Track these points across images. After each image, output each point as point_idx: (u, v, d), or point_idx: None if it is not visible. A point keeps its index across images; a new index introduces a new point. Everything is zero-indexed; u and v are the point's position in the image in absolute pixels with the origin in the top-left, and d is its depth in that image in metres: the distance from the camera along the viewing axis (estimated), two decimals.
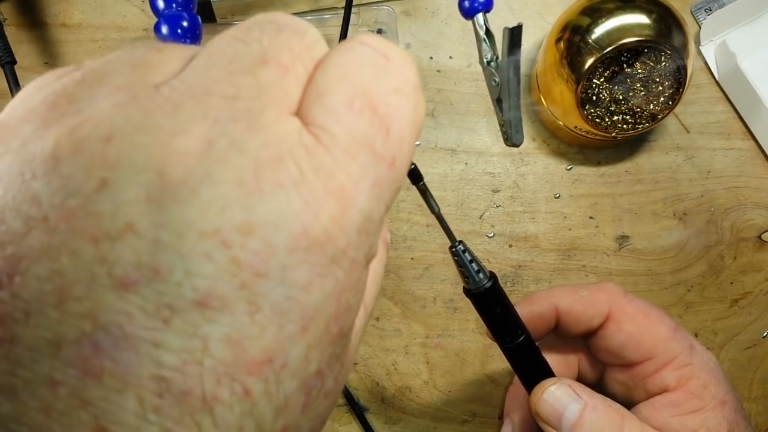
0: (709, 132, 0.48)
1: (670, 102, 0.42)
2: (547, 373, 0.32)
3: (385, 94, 0.15)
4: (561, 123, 0.45)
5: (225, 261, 0.12)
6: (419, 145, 0.44)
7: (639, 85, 0.42)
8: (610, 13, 0.41)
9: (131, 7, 0.48)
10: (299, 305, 0.13)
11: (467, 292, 0.31)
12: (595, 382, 0.36)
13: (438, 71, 0.48)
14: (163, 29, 0.31)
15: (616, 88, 0.42)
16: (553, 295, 0.34)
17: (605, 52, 0.40)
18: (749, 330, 0.47)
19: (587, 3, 0.42)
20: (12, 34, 0.47)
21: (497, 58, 0.33)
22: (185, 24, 0.31)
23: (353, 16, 0.44)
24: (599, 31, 0.41)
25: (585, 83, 0.42)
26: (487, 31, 0.34)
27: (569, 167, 0.48)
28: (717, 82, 0.49)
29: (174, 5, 0.31)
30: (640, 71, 0.42)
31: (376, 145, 0.14)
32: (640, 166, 0.48)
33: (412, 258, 0.47)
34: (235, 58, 0.14)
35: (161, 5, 0.31)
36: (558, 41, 0.43)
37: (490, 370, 0.46)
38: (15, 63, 0.44)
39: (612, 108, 0.43)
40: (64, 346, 0.11)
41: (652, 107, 0.43)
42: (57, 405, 0.11)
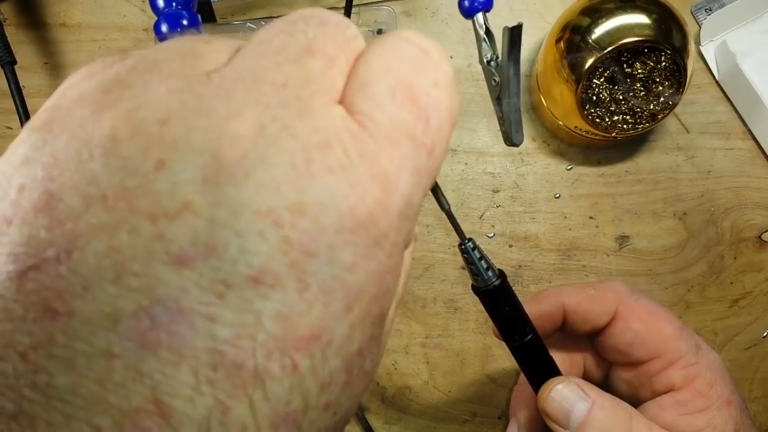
0: (709, 132, 0.48)
1: (670, 102, 0.42)
2: (555, 372, 0.32)
3: (425, 86, 0.15)
4: (561, 123, 0.45)
5: (277, 239, 0.12)
6: None
7: (639, 85, 0.42)
8: (610, 13, 0.41)
9: (131, 7, 0.48)
10: (344, 285, 0.13)
11: (476, 289, 0.31)
12: (601, 381, 0.36)
13: None
14: (163, 28, 0.31)
15: (616, 88, 0.42)
16: (561, 294, 0.34)
17: (605, 52, 0.40)
18: (749, 330, 0.47)
19: (587, 3, 0.42)
20: (12, 34, 0.47)
21: (497, 57, 0.33)
22: (185, 23, 0.31)
23: (353, 16, 0.44)
24: (599, 31, 0.41)
25: (585, 83, 0.42)
26: (487, 31, 0.34)
27: (569, 167, 0.48)
28: (717, 82, 0.49)
29: (174, 4, 0.31)
30: (640, 71, 0.42)
31: (416, 134, 0.15)
32: (640, 166, 0.48)
33: (412, 258, 0.47)
34: (283, 48, 0.15)
35: (161, 4, 0.31)
36: (558, 41, 0.43)
37: (490, 370, 0.46)
38: (15, 63, 0.44)
39: (612, 108, 0.43)
40: (121, 319, 0.12)
41: (652, 107, 0.43)
42: (113, 377, 0.12)
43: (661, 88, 0.42)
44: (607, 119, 0.43)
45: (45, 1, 0.48)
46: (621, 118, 0.43)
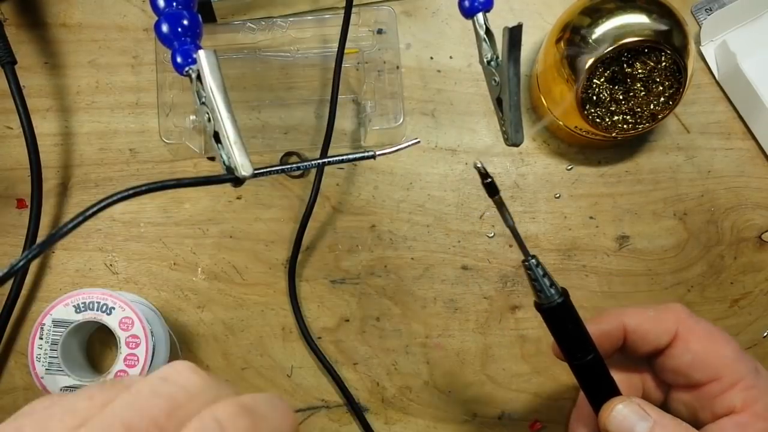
0: (709, 132, 0.48)
1: (670, 102, 0.42)
2: (615, 392, 0.32)
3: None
4: (561, 123, 0.45)
5: None
6: (419, 143, 0.44)
7: (639, 85, 0.42)
8: (610, 13, 0.41)
9: (131, 7, 0.48)
10: None
11: (538, 306, 0.31)
12: (660, 404, 0.36)
13: (438, 71, 0.48)
14: (164, 28, 0.31)
15: (616, 88, 0.42)
16: (622, 314, 0.34)
17: (605, 52, 0.40)
18: (749, 330, 0.47)
19: (587, 3, 0.42)
20: (12, 34, 0.47)
21: (497, 57, 0.33)
22: (185, 22, 0.31)
23: (353, 16, 0.44)
24: (599, 31, 0.41)
25: (585, 83, 0.42)
26: (487, 31, 0.33)
27: (569, 167, 0.48)
28: (717, 82, 0.49)
29: (174, 4, 0.31)
30: (640, 71, 0.42)
31: None
32: (640, 166, 0.48)
33: (412, 258, 0.47)
34: None
35: (161, 4, 0.31)
36: (558, 41, 0.43)
37: (490, 370, 0.46)
38: (15, 63, 0.44)
39: (612, 108, 0.43)
40: None
41: (652, 107, 0.43)
42: None
43: (661, 88, 0.42)
44: (607, 119, 0.43)
45: (45, 1, 0.48)
46: (621, 118, 0.43)
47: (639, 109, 0.43)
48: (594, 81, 0.42)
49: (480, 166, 0.30)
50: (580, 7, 0.42)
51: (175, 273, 0.46)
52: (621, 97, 0.42)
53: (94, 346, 0.46)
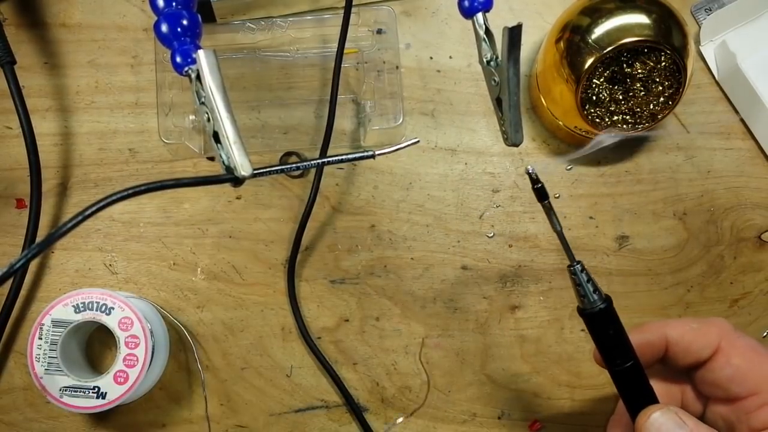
0: (709, 132, 0.48)
1: (670, 102, 0.42)
2: (653, 400, 0.32)
3: None
4: (561, 123, 0.45)
5: None
6: (418, 142, 0.44)
7: (639, 85, 0.42)
8: (610, 13, 0.41)
9: (131, 7, 0.48)
10: None
11: (581, 311, 0.32)
12: (698, 416, 0.36)
13: (438, 71, 0.48)
14: (163, 28, 0.31)
15: (615, 88, 0.42)
16: (664, 325, 0.34)
17: (605, 52, 0.40)
18: (749, 330, 0.47)
19: (587, 3, 0.42)
20: (12, 34, 0.47)
21: (497, 57, 0.33)
22: (185, 22, 0.31)
23: (353, 16, 0.44)
24: (599, 31, 0.41)
25: (585, 83, 0.42)
26: (487, 31, 0.33)
27: (569, 167, 0.48)
28: (717, 82, 0.49)
29: (174, 4, 0.31)
30: (640, 71, 0.42)
31: None
32: (640, 166, 0.48)
33: (412, 258, 0.47)
34: None
35: (161, 4, 0.31)
36: (558, 41, 0.43)
37: (490, 370, 0.46)
38: (15, 63, 0.44)
39: (612, 108, 0.43)
40: None
41: (651, 107, 0.43)
42: None
43: (661, 88, 0.42)
44: (607, 119, 0.43)
45: (45, 1, 0.48)
46: (621, 118, 0.43)
47: (639, 109, 0.43)
48: (594, 81, 0.42)
49: (531, 171, 0.30)
50: (579, 7, 0.42)
51: (175, 273, 0.46)
52: (621, 97, 0.42)
53: (93, 346, 0.46)
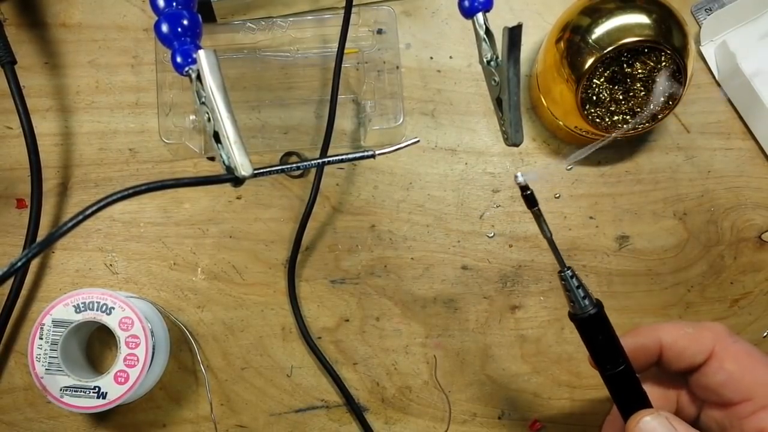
0: (709, 132, 0.48)
1: (670, 102, 0.42)
2: (645, 404, 0.33)
3: None
4: (561, 123, 0.45)
5: None
6: (419, 142, 0.44)
7: (639, 85, 0.42)
8: (610, 13, 0.41)
9: (131, 7, 0.48)
10: None
11: (572, 316, 0.32)
12: (693, 420, 0.36)
13: (438, 71, 0.48)
14: (164, 28, 0.31)
15: (616, 88, 0.42)
16: (658, 329, 0.34)
17: (605, 52, 0.40)
18: (749, 330, 0.47)
19: (587, 3, 0.42)
20: (12, 34, 0.47)
21: (497, 57, 0.33)
22: (185, 22, 0.31)
23: (353, 16, 0.44)
24: (599, 31, 0.41)
25: (585, 83, 0.42)
26: (487, 31, 0.33)
27: (569, 167, 0.48)
28: (717, 82, 0.49)
29: (174, 4, 0.31)
30: (640, 71, 0.42)
31: None
32: (640, 166, 0.48)
33: (412, 258, 0.47)
34: None
35: (161, 4, 0.31)
36: (558, 41, 0.43)
37: (490, 370, 0.46)
38: (15, 63, 0.44)
39: (612, 108, 0.43)
40: None
41: (652, 107, 0.43)
42: None
43: (662, 88, 0.42)
44: (607, 119, 0.43)
45: (45, 1, 0.48)
46: (621, 118, 0.43)
47: (639, 109, 0.43)
48: (594, 81, 0.42)
49: (521, 180, 0.30)
50: (579, 7, 0.42)
51: (175, 273, 0.46)
52: (621, 97, 0.42)
53: (94, 346, 0.46)
